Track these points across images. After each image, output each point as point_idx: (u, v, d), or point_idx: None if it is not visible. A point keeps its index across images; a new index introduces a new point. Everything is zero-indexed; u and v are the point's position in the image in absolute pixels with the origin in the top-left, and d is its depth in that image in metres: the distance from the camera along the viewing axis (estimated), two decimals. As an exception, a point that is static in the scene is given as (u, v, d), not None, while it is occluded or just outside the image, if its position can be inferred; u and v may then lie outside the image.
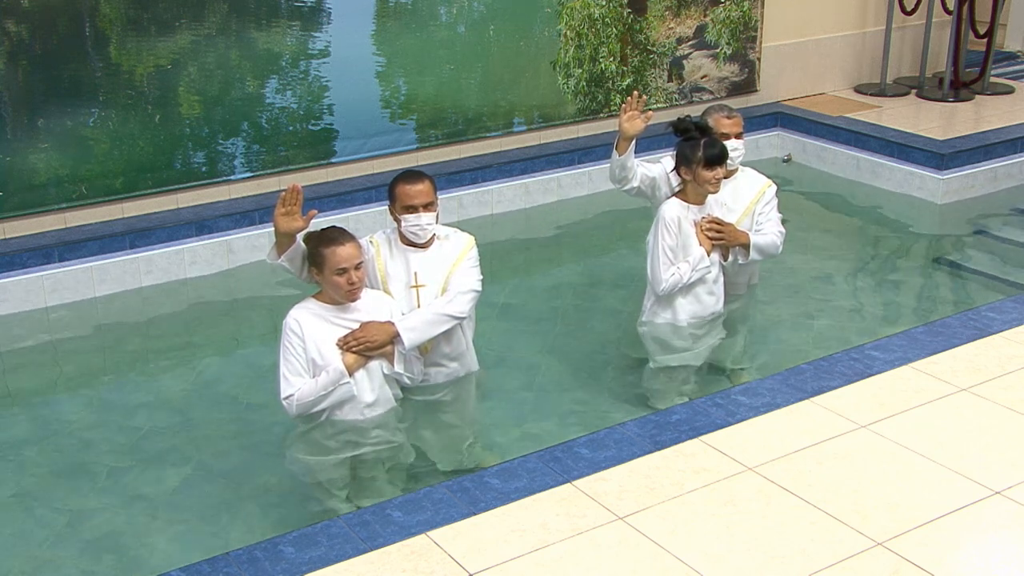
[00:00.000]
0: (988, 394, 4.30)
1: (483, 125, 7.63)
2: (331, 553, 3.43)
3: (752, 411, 4.20)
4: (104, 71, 6.35)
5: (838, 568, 3.34)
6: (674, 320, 4.92)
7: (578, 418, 4.98)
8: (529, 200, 7.60)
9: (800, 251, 6.66)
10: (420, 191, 4.38)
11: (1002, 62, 9.91)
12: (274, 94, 6.88)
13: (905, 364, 4.52)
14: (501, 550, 3.43)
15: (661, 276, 4.80)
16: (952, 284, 6.53)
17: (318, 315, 4.17)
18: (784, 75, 8.90)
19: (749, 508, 3.62)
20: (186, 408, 5.19)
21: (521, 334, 5.79)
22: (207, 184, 6.81)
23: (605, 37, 7.90)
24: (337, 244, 4.09)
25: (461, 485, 3.77)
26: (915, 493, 3.69)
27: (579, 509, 3.63)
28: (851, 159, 8.05)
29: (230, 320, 6.16)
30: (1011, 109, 8.64)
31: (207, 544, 4.16)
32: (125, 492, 4.54)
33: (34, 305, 6.14)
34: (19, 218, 6.33)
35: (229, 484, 4.58)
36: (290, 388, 4.12)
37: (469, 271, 4.48)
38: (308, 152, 7.08)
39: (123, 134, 6.49)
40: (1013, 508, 3.61)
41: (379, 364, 4.24)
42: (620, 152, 4.99)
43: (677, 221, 4.81)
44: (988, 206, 7.58)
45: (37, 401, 5.34)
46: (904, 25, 9.27)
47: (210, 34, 6.60)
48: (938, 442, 3.98)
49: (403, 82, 7.30)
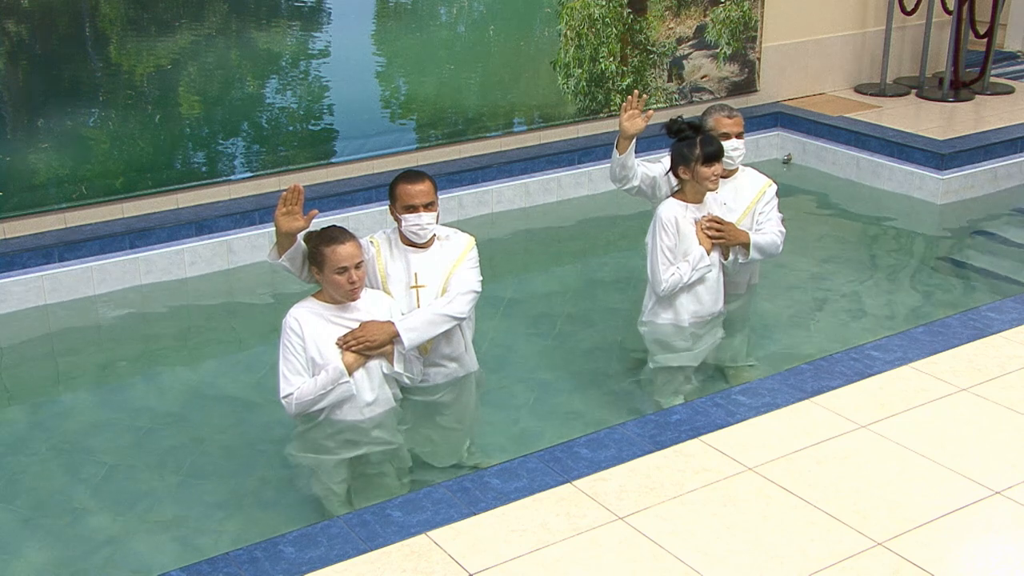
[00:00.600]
0: (988, 394, 4.30)
1: (483, 125, 7.63)
2: (331, 553, 3.43)
3: (752, 411, 4.19)
4: (104, 71, 6.35)
5: (838, 568, 3.34)
6: (675, 320, 4.92)
7: (578, 418, 4.98)
8: (529, 200, 7.60)
9: (800, 251, 6.66)
10: (421, 191, 4.38)
11: (1002, 62, 9.91)
12: (274, 94, 6.88)
13: (905, 364, 4.52)
14: (501, 550, 3.43)
15: (661, 276, 4.80)
16: (952, 284, 6.53)
17: (318, 314, 4.17)
18: (784, 75, 8.90)
19: (749, 508, 3.62)
20: (186, 408, 5.19)
21: (521, 334, 5.79)
22: (207, 184, 6.81)
23: (605, 37, 7.90)
24: (338, 243, 4.09)
25: (461, 485, 3.77)
26: (915, 493, 3.69)
27: (579, 509, 3.63)
28: (851, 159, 8.05)
29: (230, 320, 6.16)
30: (1011, 109, 8.64)
31: (207, 544, 4.16)
32: (124, 491, 4.54)
33: (34, 305, 6.15)
34: (19, 218, 6.33)
35: (229, 484, 4.58)
36: (289, 387, 4.12)
37: (469, 272, 4.48)
38: (308, 152, 7.08)
39: (123, 134, 6.49)
40: (1013, 508, 3.61)
41: (378, 364, 4.24)
42: (620, 151, 4.99)
43: (675, 221, 4.81)
44: (988, 206, 7.58)
45: (37, 401, 5.34)
46: (904, 25, 9.28)
47: (210, 34, 6.60)
48: (938, 442, 3.98)
49: (403, 82, 7.30)
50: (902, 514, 3.58)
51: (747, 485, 3.74)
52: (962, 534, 3.49)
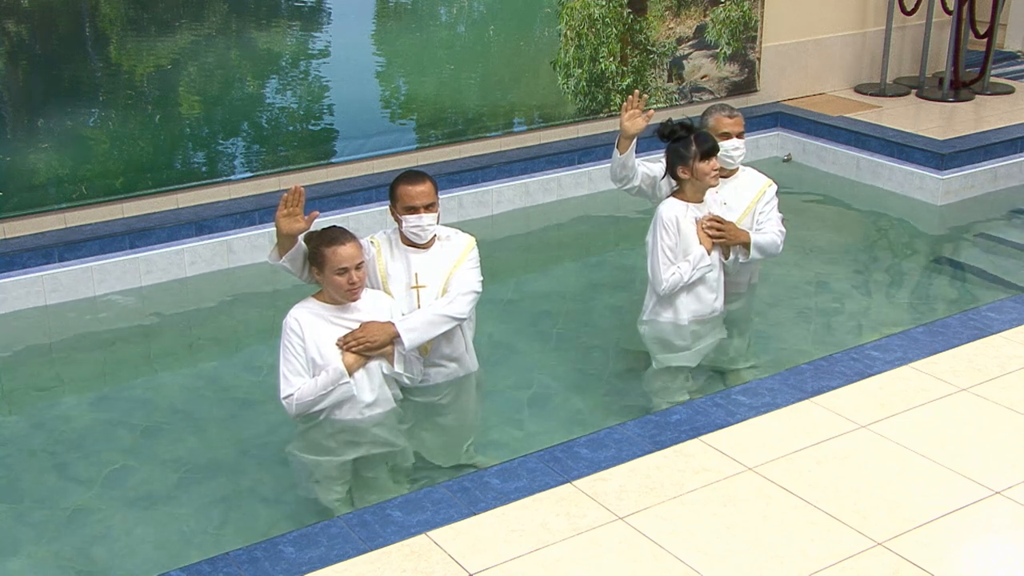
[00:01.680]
0: (988, 394, 4.30)
1: (483, 125, 7.63)
2: (331, 553, 3.43)
3: (752, 411, 4.20)
4: (104, 71, 6.35)
5: (838, 568, 3.34)
6: (676, 319, 4.92)
7: (578, 418, 4.98)
8: (529, 200, 7.59)
9: (800, 251, 6.66)
10: (421, 192, 4.38)
11: (1002, 62, 9.91)
12: (274, 94, 6.88)
13: (905, 364, 4.52)
14: (501, 550, 3.43)
15: (661, 276, 4.81)
16: (952, 284, 6.53)
17: (318, 315, 4.17)
18: (784, 75, 8.90)
19: (749, 508, 3.62)
20: (186, 408, 5.19)
21: (521, 334, 5.79)
22: (207, 184, 6.81)
23: (605, 37, 7.90)
24: (338, 244, 4.09)
25: (461, 485, 3.77)
26: (915, 493, 3.69)
27: (579, 509, 3.63)
28: (851, 159, 8.05)
29: (230, 320, 6.16)
30: (1011, 109, 8.64)
31: (207, 544, 4.16)
32: (124, 491, 4.54)
33: (34, 305, 6.15)
34: (19, 218, 6.33)
35: (229, 484, 4.58)
36: (290, 387, 4.12)
37: (470, 272, 4.48)
38: (308, 152, 7.08)
39: (123, 134, 6.49)
40: (1013, 508, 3.61)
41: (379, 364, 4.24)
42: (621, 151, 4.99)
43: (675, 220, 4.81)
44: (988, 206, 7.58)
45: (37, 400, 5.34)
46: (904, 25, 9.27)
47: (210, 34, 6.60)
48: (938, 442, 3.98)
49: (403, 82, 7.30)
50: (902, 514, 3.58)
51: (747, 485, 3.74)
52: (962, 534, 3.49)
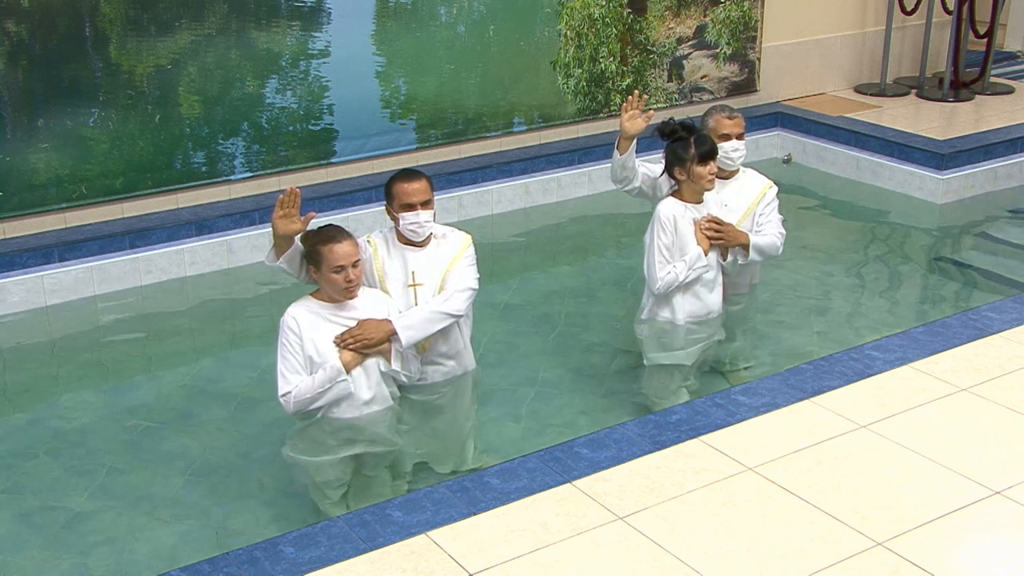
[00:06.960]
0: (988, 394, 4.29)
1: (483, 125, 7.63)
2: (331, 553, 3.43)
3: (752, 411, 4.19)
4: (104, 71, 6.35)
5: (838, 568, 3.34)
6: (673, 319, 4.92)
7: (578, 418, 4.98)
8: (529, 200, 7.60)
9: (800, 251, 6.66)
10: (418, 189, 4.38)
11: (1002, 62, 9.91)
12: (274, 94, 6.88)
13: (905, 364, 4.52)
14: (501, 550, 3.43)
15: (656, 275, 4.80)
16: (952, 284, 6.53)
17: (316, 313, 4.17)
18: (784, 75, 8.90)
19: (749, 508, 3.62)
20: (186, 407, 5.19)
21: (521, 334, 5.79)
22: (207, 184, 6.81)
23: (605, 37, 7.90)
24: (335, 242, 4.10)
25: (461, 485, 3.77)
26: (915, 493, 3.69)
27: (579, 509, 3.62)
28: (851, 159, 8.05)
29: (230, 320, 6.16)
30: (1011, 109, 8.64)
31: (207, 544, 4.16)
32: (125, 491, 4.54)
33: (34, 305, 6.15)
34: (19, 218, 6.33)
35: (229, 484, 4.58)
36: (287, 385, 4.12)
37: (466, 269, 4.49)
38: (308, 152, 7.08)
39: (123, 134, 6.49)
40: (1013, 508, 3.61)
41: (376, 362, 4.24)
42: (621, 152, 4.99)
43: (673, 220, 4.81)
44: (988, 206, 7.58)
45: (37, 401, 5.34)
46: (904, 25, 9.27)
47: (210, 34, 6.60)
48: (938, 442, 3.98)
49: (403, 82, 7.30)
50: (902, 514, 3.58)
51: (747, 485, 3.74)
52: (962, 534, 3.49)
